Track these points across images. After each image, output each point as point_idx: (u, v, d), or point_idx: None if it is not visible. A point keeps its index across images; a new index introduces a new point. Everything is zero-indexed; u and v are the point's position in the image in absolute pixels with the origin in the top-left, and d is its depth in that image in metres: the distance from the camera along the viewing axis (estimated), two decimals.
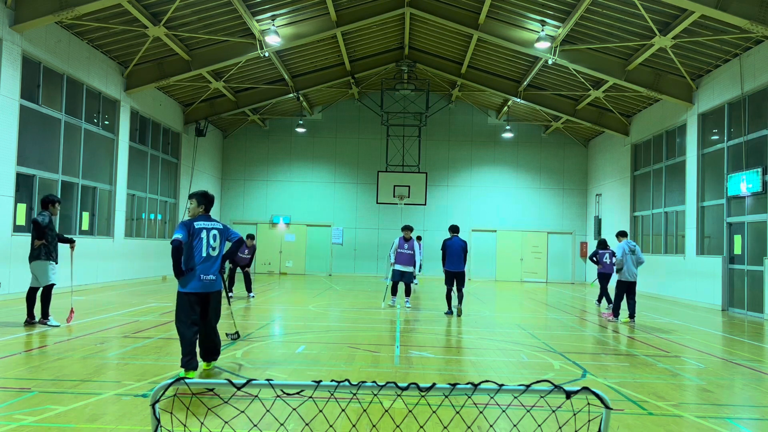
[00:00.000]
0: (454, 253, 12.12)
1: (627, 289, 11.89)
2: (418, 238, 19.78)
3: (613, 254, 14.59)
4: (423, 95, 24.78)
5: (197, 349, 6.04)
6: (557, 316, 12.95)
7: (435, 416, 4.35)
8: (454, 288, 12.27)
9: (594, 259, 14.83)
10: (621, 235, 12.62)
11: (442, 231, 25.98)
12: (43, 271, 8.86)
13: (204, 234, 6.03)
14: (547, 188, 26.52)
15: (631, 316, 11.86)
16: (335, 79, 22.36)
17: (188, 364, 5.82)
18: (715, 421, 5.01)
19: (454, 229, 12.47)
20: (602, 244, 15.10)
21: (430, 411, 4.51)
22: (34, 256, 8.84)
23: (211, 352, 6.28)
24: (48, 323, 8.87)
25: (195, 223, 6.07)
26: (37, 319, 9.00)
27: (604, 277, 14.89)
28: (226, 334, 7.96)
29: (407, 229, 13.18)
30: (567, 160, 26.57)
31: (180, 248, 5.88)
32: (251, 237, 14.48)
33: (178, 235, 5.92)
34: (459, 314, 12.02)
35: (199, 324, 6.01)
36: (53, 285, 9.02)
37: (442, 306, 13.17)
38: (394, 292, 13.46)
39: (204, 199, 6.27)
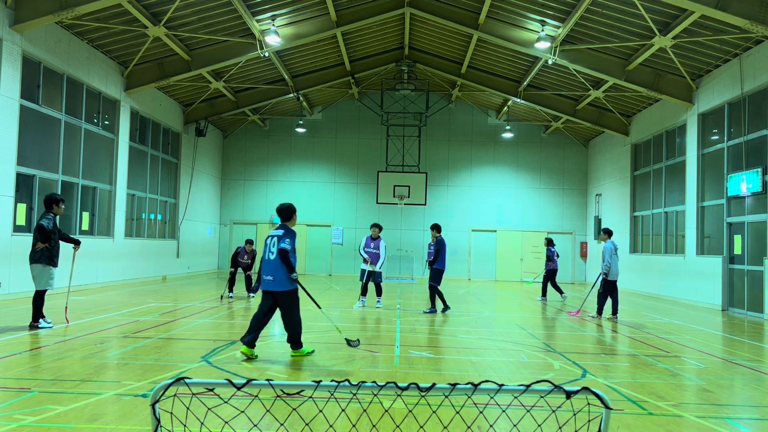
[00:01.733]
0: (444, 252, 12.60)
1: (613, 287, 12.06)
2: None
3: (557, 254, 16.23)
4: (423, 95, 24.78)
5: (256, 333, 7.12)
6: (557, 316, 12.94)
7: (435, 416, 4.35)
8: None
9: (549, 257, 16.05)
10: (607, 233, 12.50)
11: (442, 231, 25.99)
12: (41, 275, 8.67)
13: (268, 241, 7.22)
14: (547, 188, 26.52)
15: (614, 313, 12.11)
16: (335, 79, 22.36)
17: (242, 338, 7.10)
18: (715, 421, 5.01)
19: (437, 227, 12.95)
20: (551, 242, 16.40)
21: (430, 411, 4.51)
22: (35, 259, 8.66)
23: (289, 341, 7.28)
24: (39, 326, 8.65)
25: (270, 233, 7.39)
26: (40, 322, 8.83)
27: (554, 273, 16.30)
28: (348, 342, 7.84)
29: (375, 227, 12.95)
30: (567, 160, 26.57)
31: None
32: (250, 242, 14.45)
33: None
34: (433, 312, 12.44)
35: (265, 313, 7.16)
36: (46, 291, 8.79)
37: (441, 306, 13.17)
38: (363, 292, 13.21)
39: (277, 211, 7.44)
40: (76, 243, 9.06)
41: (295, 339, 7.25)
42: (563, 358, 7.70)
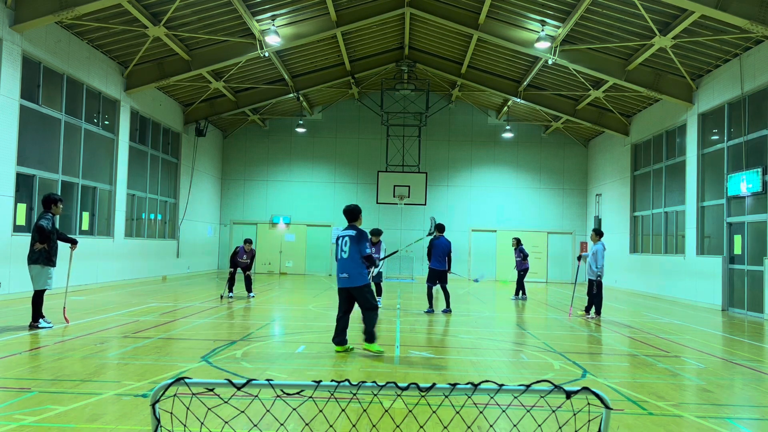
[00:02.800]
0: (439, 253, 12.52)
1: (601, 287, 12.23)
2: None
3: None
4: (423, 95, 24.77)
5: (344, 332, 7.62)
6: (557, 316, 12.94)
7: (435, 416, 4.34)
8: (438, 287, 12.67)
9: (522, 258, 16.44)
10: (598, 234, 12.44)
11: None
12: (40, 275, 8.64)
13: (339, 241, 7.65)
14: (547, 188, 26.52)
15: (598, 312, 12.29)
16: (335, 79, 22.36)
17: (333, 340, 7.67)
18: (715, 421, 5.01)
19: (440, 228, 12.67)
20: (520, 242, 16.87)
21: (430, 411, 4.50)
22: (33, 260, 8.63)
23: (365, 332, 7.65)
24: (39, 326, 8.64)
25: (338, 234, 7.80)
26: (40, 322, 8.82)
27: (526, 272, 16.77)
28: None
29: (375, 234, 13.08)
30: (567, 160, 26.57)
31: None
32: (249, 242, 14.43)
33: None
34: (448, 312, 12.36)
35: (345, 311, 7.64)
36: (45, 290, 8.77)
37: (441, 306, 13.16)
38: None
39: (344, 213, 7.87)
40: (73, 242, 9.02)
41: (369, 331, 7.58)
42: (563, 358, 7.70)
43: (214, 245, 26.05)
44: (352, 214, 7.80)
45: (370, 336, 7.59)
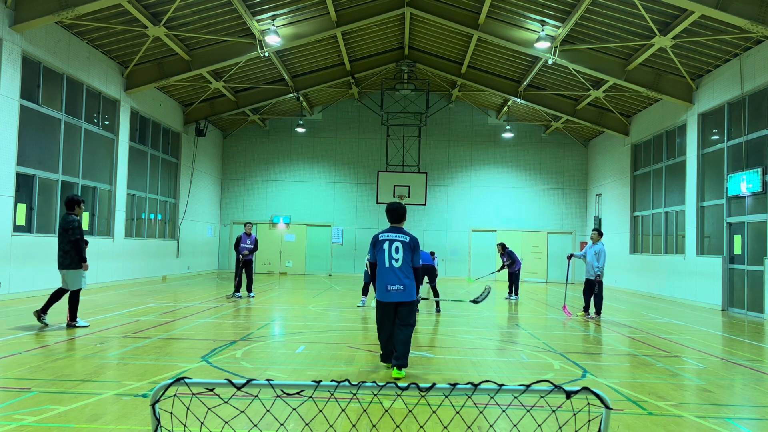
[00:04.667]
0: (425, 254, 12.59)
1: (593, 286, 12.25)
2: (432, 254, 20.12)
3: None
4: (423, 95, 24.77)
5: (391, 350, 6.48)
6: (557, 316, 12.94)
7: (435, 416, 4.34)
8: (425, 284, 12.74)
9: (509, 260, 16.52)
10: (599, 234, 12.51)
11: (441, 231, 25.99)
12: (75, 277, 8.84)
13: (386, 246, 6.34)
14: (547, 188, 26.52)
15: (598, 311, 12.33)
16: (335, 79, 22.36)
17: (384, 359, 6.60)
18: (715, 421, 5.01)
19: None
20: (505, 246, 17.04)
21: (430, 411, 4.50)
22: (65, 265, 8.76)
23: (399, 358, 6.26)
24: (77, 325, 8.85)
25: (380, 235, 6.46)
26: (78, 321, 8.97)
27: (519, 272, 16.93)
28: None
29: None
30: (567, 160, 26.57)
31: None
32: (249, 224, 14.95)
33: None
34: (438, 312, 12.47)
35: (389, 329, 6.36)
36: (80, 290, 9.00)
37: (443, 306, 13.16)
38: (365, 292, 13.49)
39: (390, 212, 6.60)
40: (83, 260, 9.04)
41: (406, 354, 6.31)
42: (563, 358, 7.69)
43: (214, 245, 26.05)
44: (400, 214, 6.54)
45: (405, 359, 6.30)
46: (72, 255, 8.76)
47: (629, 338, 9.80)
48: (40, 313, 8.80)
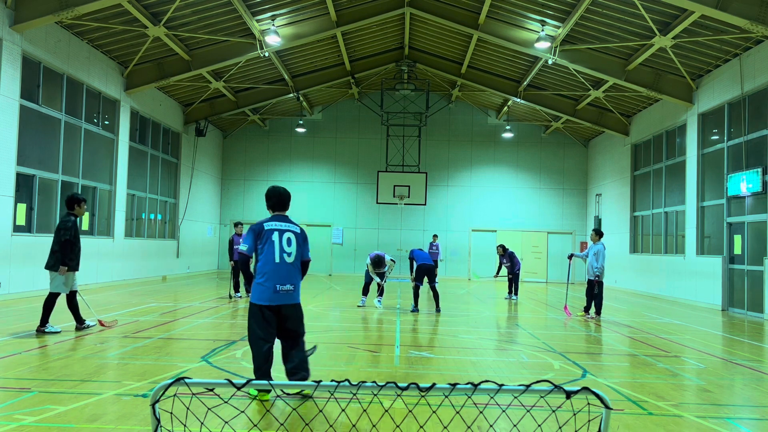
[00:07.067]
0: (425, 255, 12.61)
1: (594, 286, 12.29)
2: (434, 237, 21.20)
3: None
4: (423, 95, 24.77)
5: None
6: (557, 316, 12.94)
7: (435, 416, 4.34)
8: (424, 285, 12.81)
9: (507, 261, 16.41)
10: (599, 234, 12.53)
11: (441, 231, 25.97)
12: (62, 279, 8.48)
13: (275, 236, 5.34)
14: (547, 188, 26.52)
15: (597, 312, 12.38)
16: (335, 79, 22.36)
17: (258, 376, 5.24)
18: (715, 421, 5.01)
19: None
20: (506, 248, 16.81)
21: (430, 411, 4.50)
22: (49, 266, 8.43)
23: (304, 371, 5.40)
24: (46, 330, 8.39)
25: (265, 224, 5.37)
26: (89, 323, 8.85)
27: (518, 272, 16.72)
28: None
29: (377, 265, 13.00)
30: (567, 160, 26.57)
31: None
32: (239, 224, 14.82)
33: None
34: (438, 312, 12.46)
35: (272, 338, 5.38)
36: (75, 292, 8.71)
37: (443, 306, 13.16)
38: (365, 291, 13.33)
39: (272, 197, 5.60)
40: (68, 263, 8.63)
41: (306, 367, 5.42)
42: (563, 358, 7.69)
43: (214, 245, 26.05)
44: (283, 199, 5.60)
45: (307, 371, 5.40)
46: (58, 256, 8.38)
47: (629, 338, 9.80)
48: (41, 328, 8.37)
